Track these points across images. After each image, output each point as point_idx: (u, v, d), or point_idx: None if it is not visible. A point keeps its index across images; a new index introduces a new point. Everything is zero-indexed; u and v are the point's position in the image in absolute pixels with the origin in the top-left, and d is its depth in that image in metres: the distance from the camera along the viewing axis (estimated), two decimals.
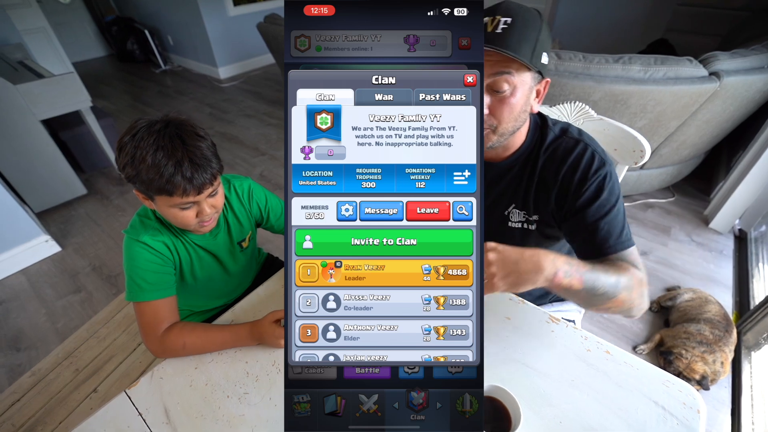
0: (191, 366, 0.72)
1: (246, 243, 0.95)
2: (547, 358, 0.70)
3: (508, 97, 0.63)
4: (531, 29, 0.60)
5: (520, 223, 0.81)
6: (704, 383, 1.28)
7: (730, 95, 1.57)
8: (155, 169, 0.66)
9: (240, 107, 3.66)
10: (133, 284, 0.75)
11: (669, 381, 0.66)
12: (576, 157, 0.71)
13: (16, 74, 2.17)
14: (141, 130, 0.68)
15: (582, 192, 0.70)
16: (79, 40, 5.07)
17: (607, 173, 0.70)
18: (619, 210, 0.70)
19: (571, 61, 1.60)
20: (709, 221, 2.00)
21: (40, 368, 0.99)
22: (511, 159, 0.77)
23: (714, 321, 1.39)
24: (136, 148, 0.66)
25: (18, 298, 1.84)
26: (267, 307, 0.84)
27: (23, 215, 1.89)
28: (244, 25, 4.16)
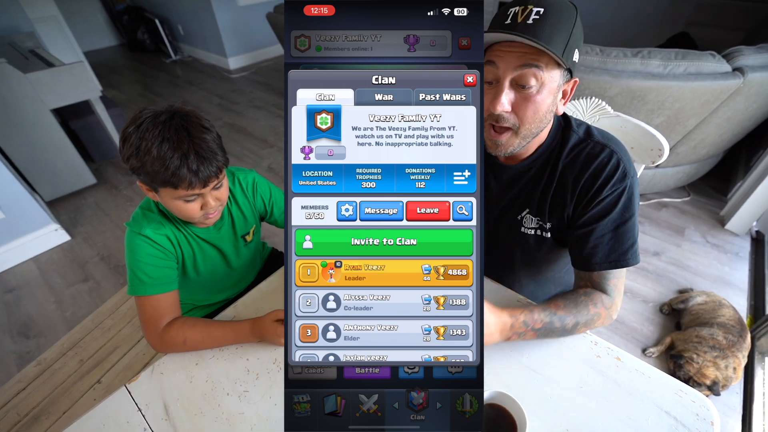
0: (192, 362, 0.71)
1: (250, 237, 0.94)
2: (554, 364, 0.68)
3: (534, 95, 0.58)
4: (565, 22, 0.55)
5: (533, 230, 0.77)
6: (715, 389, 1.25)
7: (754, 92, 1.51)
8: (160, 162, 0.65)
9: (249, 98, 3.65)
10: (135, 278, 0.74)
11: (682, 390, 0.63)
12: (599, 165, 0.66)
13: (26, 63, 2.18)
14: (146, 120, 0.66)
15: (592, 206, 0.67)
16: (91, 29, 5.09)
17: (625, 188, 0.66)
18: (627, 227, 0.68)
19: (588, 55, 1.55)
20: (726, 222, 1.94)
21: (45, 357, 1.00)
22: (528, 161, 0.73)
23: (728, 325, 1.35)
24: (141, 139, 0.65)
25: (28, 285, 1.86)
26: (269, 303, 0.83)
27: (33, 204, 1.91)
28: (254, 15, 4.13)
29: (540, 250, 0.79)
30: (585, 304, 0.68)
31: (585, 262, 0.70)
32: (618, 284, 0.71)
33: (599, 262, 0.69)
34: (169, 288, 0.77)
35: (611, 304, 0.70)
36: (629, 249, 0.68)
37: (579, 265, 0.72)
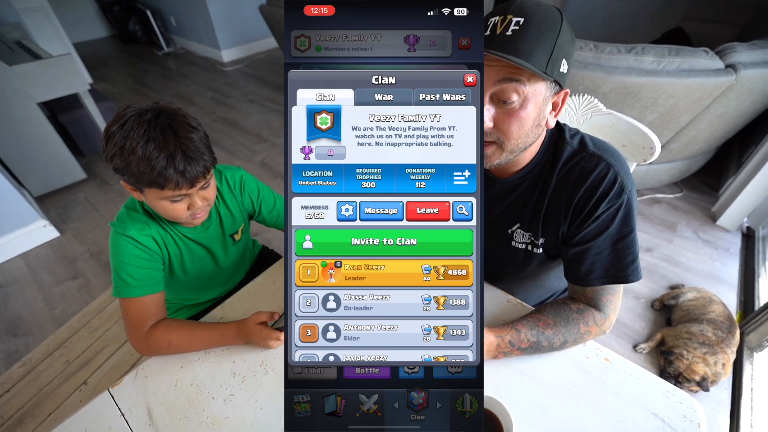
0: (177, 365, 0.70)
1: (239, 236, 0.93)
2: (543, 365, 0.68)
3: (518, 110, 0.55)
4: (548, 31, 0.51)
5: (524, 245, 0.75)
6: (704, 385, 1.26)
7: (746, 89, 1.50)
8: (146, 162, 0.63)
9: (243, 92, 3.61)
10: (119, 280, 0.73)
11: (669, 392, 0.63)
12: (594, 181, 0.63)
13: (12, 55, 2.13)
14: (130, 119, 0.64)
15: (588, 223, 0.64)
16: (81, 20, 4.99)
17: (622, 203, 0.63)
18: (626, 243, 0.65)
19: (582, 51, 1.53)
20: (717, 218, 1.95)
21: (30, 358, 0.99)
22: (519, 175, 0.69)
23: (717, 322, 1.36)
24: (125, 138, 0.63)
25: (17, 282, 1.84)
26: (257, 304, 0.82)
27: (20, 200, 1.88)
28: (248, 6, 4.06)
29: (530, 265, 0.78)
30: (576, 322, 0.67)
31: (582, 278, 0.67)
32: (613, 300, 0.68)
33: (597, 277, 0.66)
34: (155, 290, 0.75)
35: (604, 320, 0.68)
36: (629, 265, 0.65)
37: (575, 281, 0.69)
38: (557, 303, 0.71)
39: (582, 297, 0.71)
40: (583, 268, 0.67)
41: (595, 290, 0.68)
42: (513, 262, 0.79)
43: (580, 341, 0.69)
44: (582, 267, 0.67)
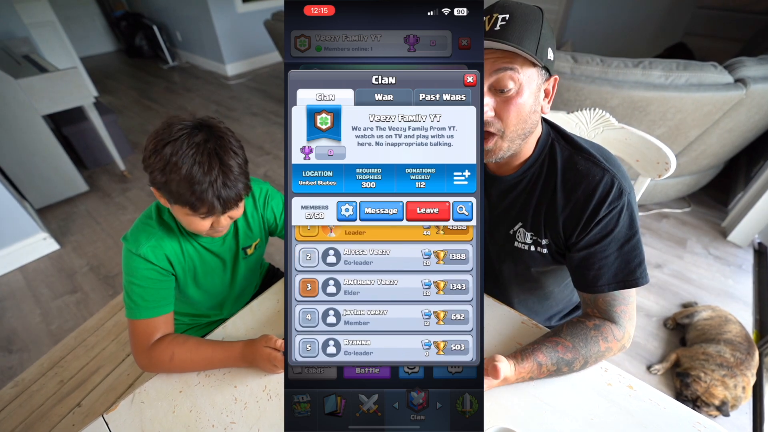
0: (176, 389, 0.66)
1: (251, 250, 0.90)
2: (563, 393, 0.64)
3: (515, 97, 0.58)
4: (533, 23, 0.56)
5: (528, 246, 0.73)
6: (724, 409, 1.21)
7: (756, 103, 1.49)
8: (187, 184, 0.62)
9: (246, 105, 3.62)
10: (130, 301, 0.71)
11: (700, 423, 0.59)
12: (591, 185, 0.64)
13: (18, 68, 2.14)
14: (181, 138, 0.63)
15: (592, 226, 0.64)
16: (89, 35, 5.07)
17: (624, 204, 0.63)
18: (632, 245, 0.64)
19: (588, 65, 1.53)
20: (728, 234, 1.92)
21: (23, 378, 0.95)
22: (518, 172, 0.70)
23: (735, 342, 1.31)
24: (173, 155, 0.62)
25: (14, 296, 1.80)
26: (260, 322, 0.78)
27: (21, 212, 1.86)
28: (253, 22, 4.12)
29: (535, 266, 0.76)
30: (595, 339, 0.65)
31: (591, 284, 0.67)
32: (627, 310, 0.67)
33: (607, 282, 0.65)
34: (165, 310, 0.74)
35: (623, 334, 0.66)
36: (637, 268, 0.65)
37: (584, 288, 0.68)
38: (573, 323, 0.68)
39: (595, 310, 0.69)
40: (590, 273, 0.66)
41: (606, 301, 0.67)
42: (517, 263, 0.78)
43: (600, 359, 0.66)
44: (590, 272, 0.66)
